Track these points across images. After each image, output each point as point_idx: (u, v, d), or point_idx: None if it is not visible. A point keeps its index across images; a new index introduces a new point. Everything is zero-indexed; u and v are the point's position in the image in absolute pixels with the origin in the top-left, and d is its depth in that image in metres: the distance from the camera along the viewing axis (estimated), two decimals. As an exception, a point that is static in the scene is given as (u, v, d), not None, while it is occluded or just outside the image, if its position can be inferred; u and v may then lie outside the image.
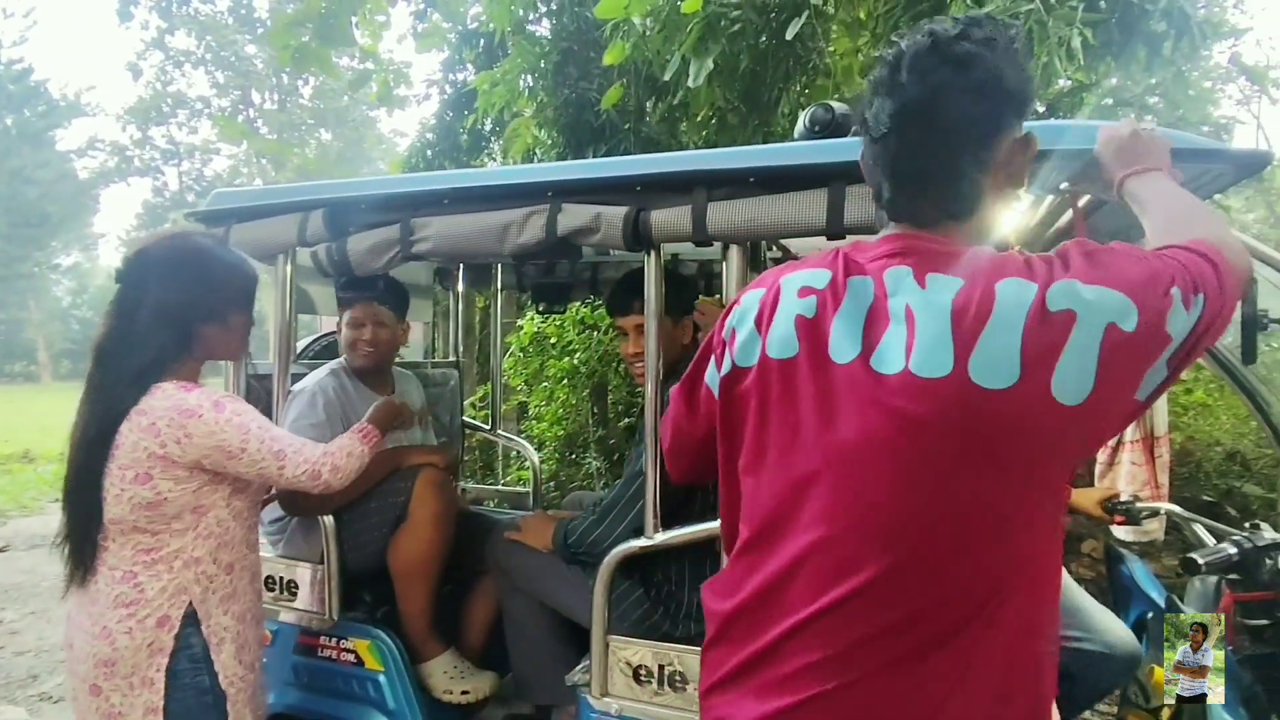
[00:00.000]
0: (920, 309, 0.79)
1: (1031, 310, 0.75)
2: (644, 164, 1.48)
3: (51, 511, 7.05)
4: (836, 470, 0.82)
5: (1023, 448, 0.76)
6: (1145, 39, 2.64)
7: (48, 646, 3.80)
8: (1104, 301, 0.74)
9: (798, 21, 3.51)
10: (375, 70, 8.77)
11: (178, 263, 1.42)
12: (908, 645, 0.78)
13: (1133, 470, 2.00)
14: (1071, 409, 0.74)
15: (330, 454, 1.51)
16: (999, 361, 0.74)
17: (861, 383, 0.81)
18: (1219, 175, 1.24)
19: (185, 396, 1.37)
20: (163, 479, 1.35)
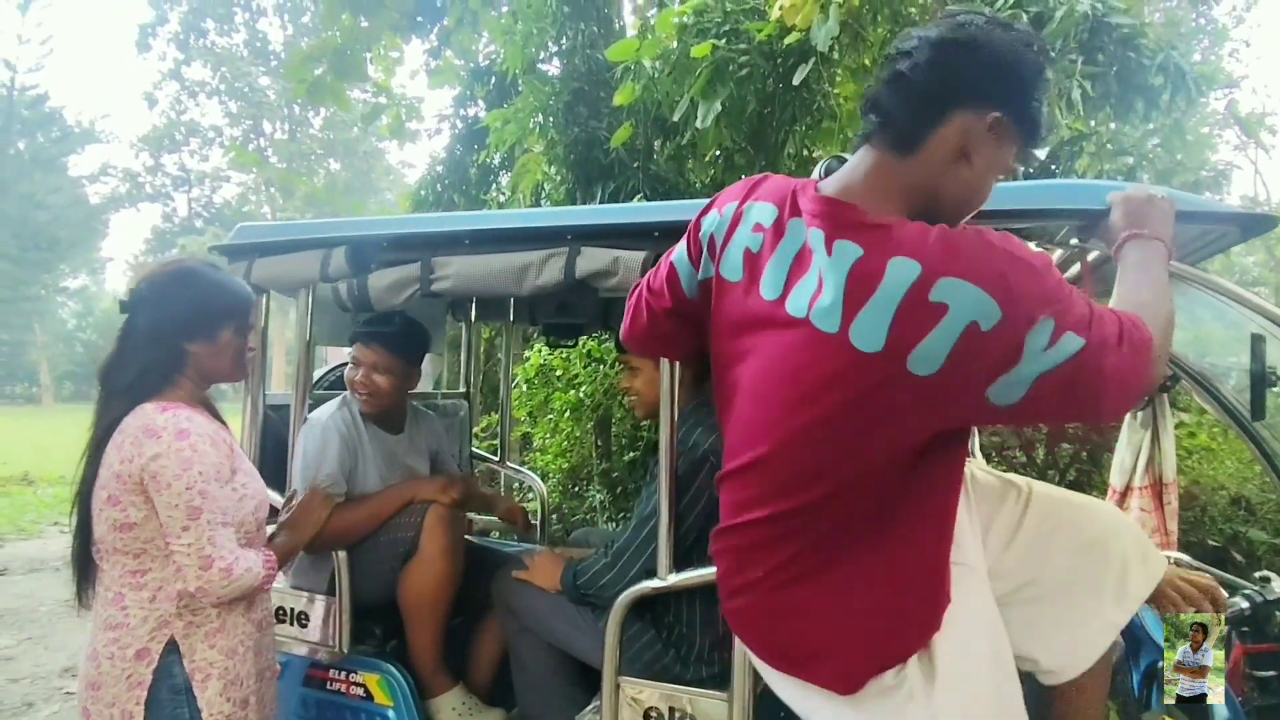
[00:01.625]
0: (826, 270, 0.91)
1: (910, 291, 0.85)
2: (662, 211, 1.52)
3: (50, 535, 7.01)
4: (747, 397, 1.03)
5: (886, 403, 0.89)
6: (1142, 91, 2.72)
7: (44, 673, 3.75)
8: (975, 302, 0.83)
9: (804, 67, 3.61)
10: (388, 104, 8.98)
11: (167, 283, 1.44)
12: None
13: (1141, 517, 2.00)
14: (919, 378, 0.86)
15: (235, 559, 1.35)
16: (874, 332, 0.86)
17: (776, 319, 0.96)
18: (1224, 235, 1.28)
19: (156, 416, 1.33)
20: (128, 501, 1.31)
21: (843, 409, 0.91)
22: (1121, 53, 2.67)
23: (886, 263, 0.87)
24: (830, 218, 0.94)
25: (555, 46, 5.58)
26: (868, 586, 0.98)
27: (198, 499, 1.30)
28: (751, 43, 3.76)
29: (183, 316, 1.42)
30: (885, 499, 0.96)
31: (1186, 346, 1.91)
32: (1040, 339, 0.83)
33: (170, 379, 1.41)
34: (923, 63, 0.94)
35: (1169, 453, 2.01)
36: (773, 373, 0.98)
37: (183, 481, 1.29)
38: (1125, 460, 2.09)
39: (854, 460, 0.94)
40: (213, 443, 1.36)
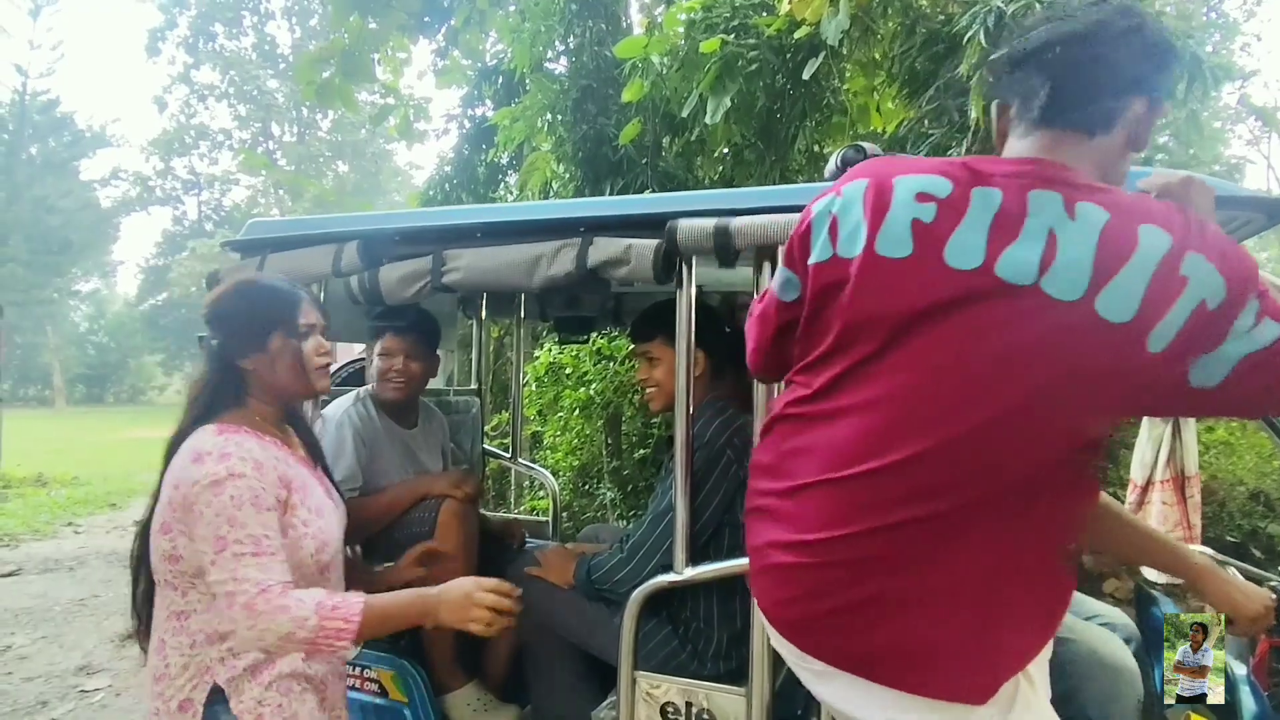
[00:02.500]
0: (1064, 233, 0.85)
1: (1164, 263, 0.82)
2: (674, 201, 1.51)
3: (64, 535, 7.06)
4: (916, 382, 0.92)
5: (1120, 381, 0.84)
6: (1160, 81, 2.68)
7: (58, 672, 3.77)
8: (1210, 279, 0.81)
9: (814, 62, 3.59)
10: (396, 105, 8.99)
11: (222, 302, 1.37)
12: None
13: (1164, 510, 1.98)
14: (1152, 355, 0.81)
15: (261, 593, 1.17)
16: (1126, 302, 0.81)
17: (977, 290, 0.87)
18: (1249, 221, 1.25)
19: (208, 439, 1.25)
20: (177, 530, 1.23)
21: (1065, 383, 0.85)
22: (1137, 42, 2.64)
23: (1138, 229, 0.84)
24: (1064, 182, 0.90)
25: (563, 44, 5.58)
26: (997, 578, 0.91)
27: (225, 527, 1.18)
28: (761, 37, 3.74)
29: (233, 332, 1.35)
30: (1039, 487, 0.90)
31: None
32: (1247, 319, 0.81)
33: (240, 400, 1.35)
34: (1113, 45, 0.93)
35: (1191, 446, 1.99)
36: (971, 348, 0.88)
37: (213, 509, 1.19)
38: (1146, 455, 2.06)
39: (1046, 448, 0.88)
40: (257, 467, 1.24)
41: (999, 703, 0.91)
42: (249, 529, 1.19)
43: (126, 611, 4.37)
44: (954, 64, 3.07)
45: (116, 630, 4.36)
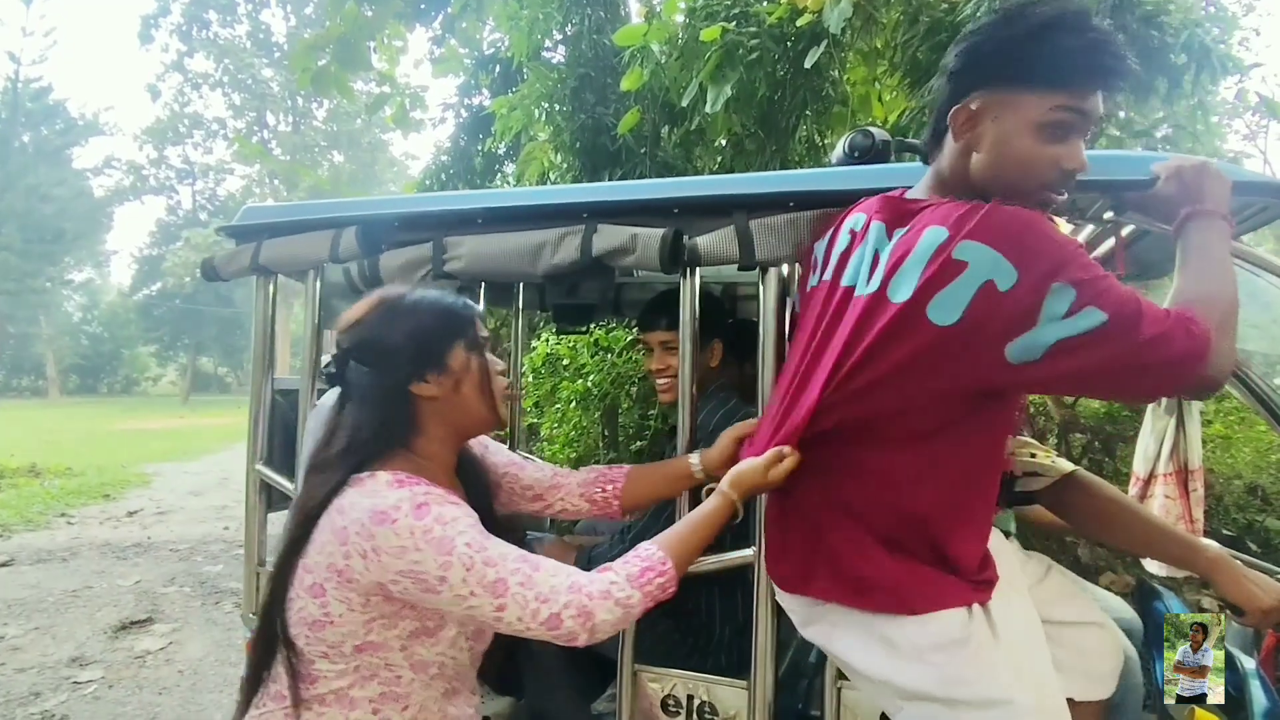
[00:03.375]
0: (882, 248, 1.05)
1: (937, 250, 0.95)
2: (680, 186, 1.48)
3: (57, 526, 7.02)
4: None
5: (910, 347, 0.98)
6: (1165, 71, 2.66)
7: (51, 663, 3.74)
8: (992, 262, 0.91)
9: (816, 50, 3.56)
10: (392, 94, 8.91)
11: (370, 330, 1.12)
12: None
13: (1166, 504, 1.96)
14: (938, 328, 0.94)
15: (584, 593, 1.01)
16: (905, 284, 0.97)
17: (849, 301, 1.07)
18: (1264, 209, 1.23)
19: (385, 493, 1.01)
20: (335, 597, 1.02)
21: (894, 349, 0.99)
22: (1144, 31, 2.61)
23: (923, 232, 0.99)
24: (890, 209, 1.09)
25: (561, 33, 5.52)
26: (919, 509, 1.05)
27: (489, 571, 0.99)
28: (762, 26, 3.70)
29: (402, 352, 1.10)
30: (932, 431, 1.04)
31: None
32: (1058, 305, 0.90)
33: (405, 442, 1.11)
34: (939, 80, 1.11)
35: (1194, 439, 1.97)
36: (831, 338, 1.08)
37: (457, 567, 0.98)
38: (1149, 447, 2.04)
39: (921, 400, 1.02)
40: (457, 505, 1.04)
41: (939, 643, 1.04)
42: (511, 556, 1.02)
43: (120, 603, 4.39)
44: (957, 53, 3.04)
45: (109, 622, 4.34)
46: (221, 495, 8.78)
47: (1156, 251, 1.60)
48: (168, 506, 8.13)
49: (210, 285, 11.68)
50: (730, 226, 1.36)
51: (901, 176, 1.34)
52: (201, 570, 5.54)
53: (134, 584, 5.13)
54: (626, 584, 1.03)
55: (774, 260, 1.36)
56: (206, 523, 7.28)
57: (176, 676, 3.62)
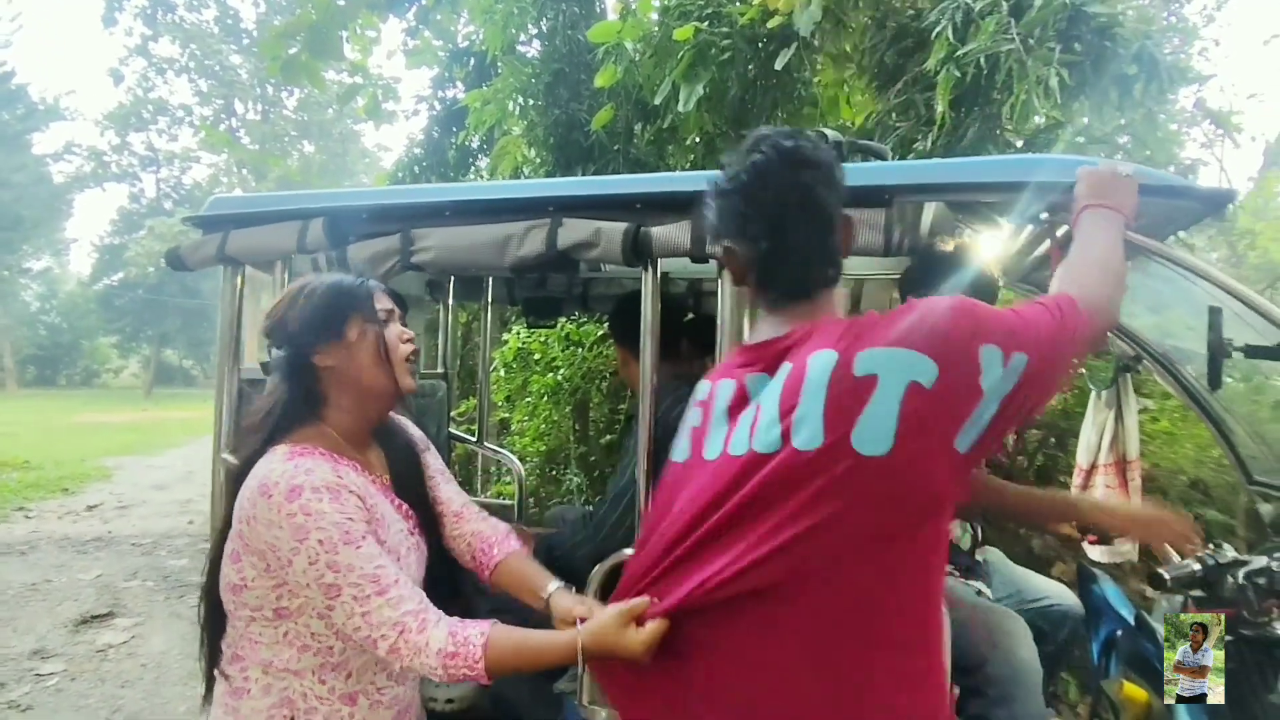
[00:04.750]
0: (764, 398, 0.93)
1: (834, 375, 0.85)
2: (644, 183, 1.53)
3: (15, 520, 6.86)
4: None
5: (837, 492, 0.83)
6: (1116, 80, 2.77)
7: (13, 655, 3.69)
8: (905, 362, 0.83)
9: (786, 52, 3.62)
10: (364, 85, 8.82)
11: (285, 306, 1.21)
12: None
13: (1107, 493, 2.06)
14: (876, 459, 0.81)
15: (403, 638, 1.05)
16: (811, 427, 0.84)
17: (724, 468, 0.92)
18: (1186, 211, 1.32)
19: (275, 466, 1.09)
20: (245, 561, 1.11)
21: (821, 509, 0.84)
22: (1098, 42, 2.71)
23: (806, 361, 0.89)
24: (757, 355, 1.00)
25: (535, 27, 5.53)
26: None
27: (328, 574, 1.05)
28: (734, 26, 3.76)
29: (303, 328, 1.18)
30: (861, 598, 0.88)
31: (1150, 329, 1.97)
32: (993, 365, 0.84)
33: (314, 411, 1.19)
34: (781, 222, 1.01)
35: (1133, 431, 2.08)
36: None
37: (303, 557, 1.05)
38: (1090, 439, 2.15)
39: (855, 553, 0.87)
40: (334, 497, 1.09)
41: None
42: (358, 569, 1.06)
43: (80, 597, 4.34)
44: (922, 59, 3.13)
45: (70, 616, 4.28)
46: (186, 489, 8.65)
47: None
48: (129, 500, 7.99)
49: (175, 276, 11.58)
50: (686, 220, 1.41)
51: (855, 175, 1.41)
52: (165, 565, 5.48)
53: (95, 578, 5.06)
54: (436, 658, 1.05)
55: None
56: (170, 517, 7.17)
57: (139, 670, 3.59)
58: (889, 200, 1.33)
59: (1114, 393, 2.08)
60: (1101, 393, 2.11)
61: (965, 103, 2.99)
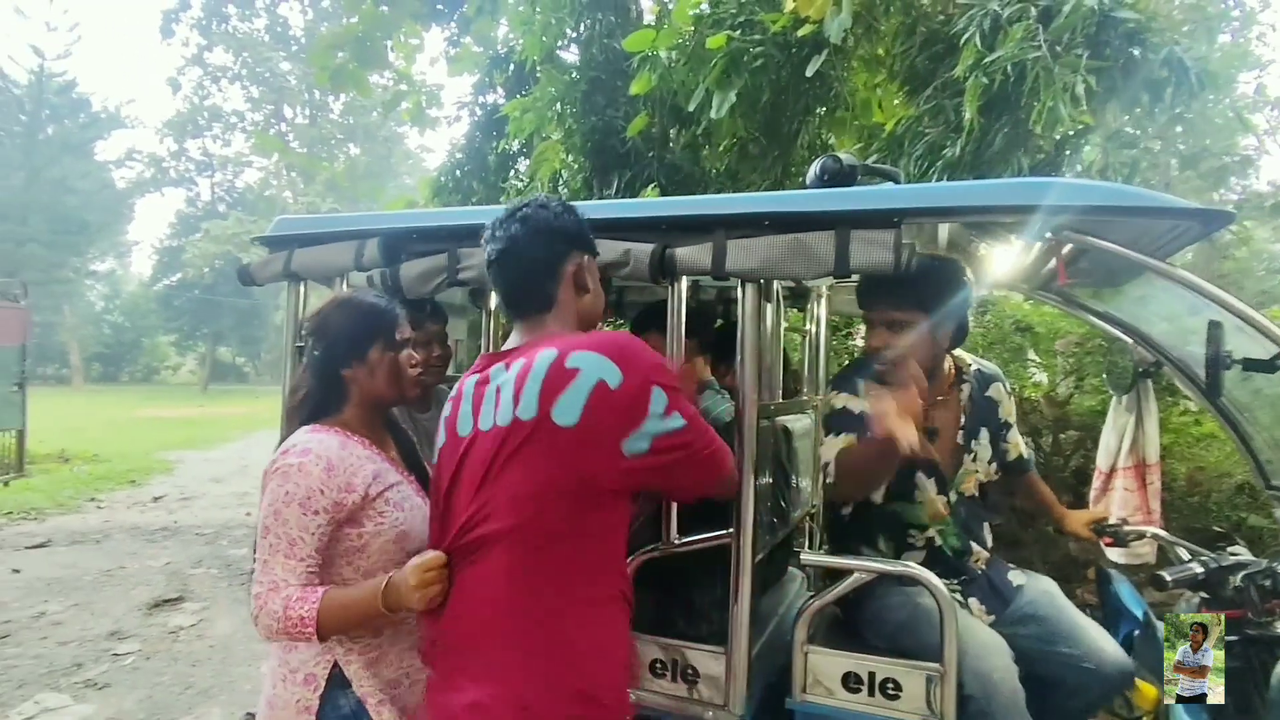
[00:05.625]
0: (503, 384, 1.18)
1: (551, 366, 1.12)
2: (670, 206, 1.65)
3: (88, 510, 7.31)
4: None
5: (542, 453, 1.11)
6: (1146, 85, 2.78)
7: (90, 637, 3.99)
8: (600, 364, 1.11)
9: (818, 58, 3.68)
10: (408, 91, 9.10)
11: (326, 316, 1.47)
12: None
13: (1125, 495, 2.11)
14: (566, 429, 1.09)
15: (265, 591, 1.27)
16: (530, 402, 1.12)
17: (477, 441, 1.19)
18: (1185, 230, 1.38)
19: (301, 435, 1.37)
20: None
21: (527, 471, 1.13)
22: (1126, 47, 2.73)
23: (535, 357, 1.16)
24: (501, 357, 1.26)
25: (573, 35, 5.67)
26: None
27: (271, 518, 1.28)
28: (766, 34, 3.84)
29: (335, 344, 1.44)
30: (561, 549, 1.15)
31: (1169, 336, 2.01)
32: (659, 405, 1.12)
33: (338, 407, 1.44)
34: (527, 250, 1.29)
35: (1152, 436, 2.12)
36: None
37: (270, 496, 1.29)
38: (1110, 443, 2.20)
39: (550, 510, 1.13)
40: (328, 469, 1.31)
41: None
42: (289, 528, 1.28)
43: (152, 582, 4.63)
44: (952, 64, 3.17)
45: (143, 599, 4.59)
46: (241, 482, 9.07)
47: (1100, 265, 1.75)
48: (191, 492, 8.43)
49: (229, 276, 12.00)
50: (709, 242, 1.52)
51: (867, 198, 1.50)
52: (226, 553, 5.80)
53: (164, 565, 5.40)
54: (281, 605, 1.25)
55: (740, 272, 1.51)
56: (229, 509, 7.55)
57: (208, 650, 3.85)
58: (898, 223, 1.42)
59: (1134, 397, 2.12)
60: (1121, 397, 2.16)
61: (994, 109, 3.02)
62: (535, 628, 1.13)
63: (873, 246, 1.43)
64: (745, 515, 1.56)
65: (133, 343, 35.42)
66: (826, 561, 1.74)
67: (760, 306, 1.59)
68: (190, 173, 33.86)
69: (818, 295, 2.53)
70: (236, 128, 33.25)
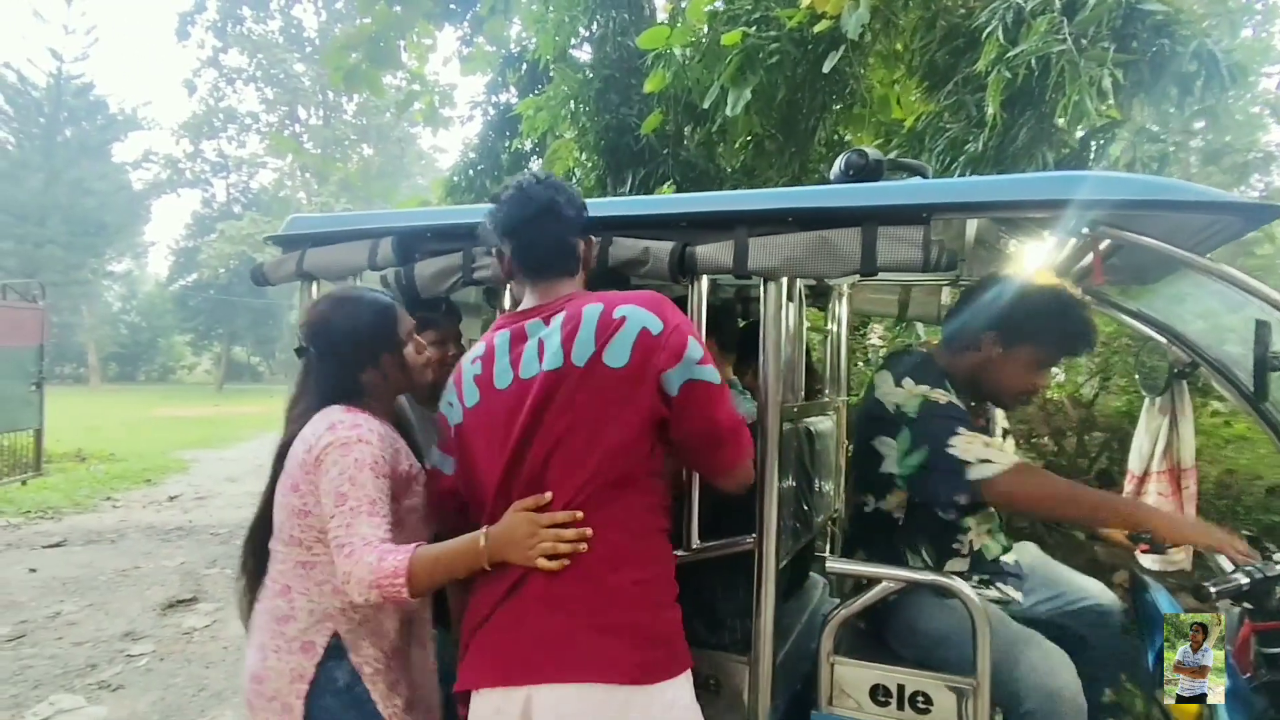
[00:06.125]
0: (545, 336, 1.27)
1: (601, 317, 1.23)
2: (690, 202, 1.60)
3: (104, 509, 7.36)
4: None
5: (597, 395, 1.21)
6: (1176, 79, 2.70)
7: (105, 637, 4.00)
8: (644, 316, 1.23)
9: (835, 54, 3.62)
10: (421, 91, 9.10)
11: (324, 323, 1.49)
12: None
13: (1159, 501, 2.04)
14: (615, 370, 1.19)
15: (361, 548, 1.26)
16: (584, 349, 1.22)
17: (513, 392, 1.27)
18: (1228, 225, 1.32)
19: (338, 414, 1.39)
20: (307, 488, 1.35)
21: (589, 404, 1.22)
22: (1154, 40, 2.66)
23: (582, 310, 1.26)
24: (536, 313, 1.33)
25: (586, 33, 5.64)
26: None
27: (346, 485, 1.30)
28: (782, 30, 3.78)
29: (350, 354, 1.47)
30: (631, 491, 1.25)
31: (1205, 335, 1.94)
32: (695, 352, 1.22)
33: (360, 399, 1.47)
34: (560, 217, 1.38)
35: (1188, 439, 2.05)
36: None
37: (338, 467, 1.31)
38: (1144, 446, 2.13)
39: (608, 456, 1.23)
40: (381, 439, 1.38)
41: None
42: (367, 490, 1.31)
43: (167, 582, 4.62)
44: (973, 59, 3.10)
45: (157, 600, 4.59)
46: (257, 482, 8.99)
47: (1143, 260, 1.68)
48: (206, 492, 8.47)
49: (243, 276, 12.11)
50: (730, 240, 1.48)
51: (895, 193, 1.45)
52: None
53: (178, 565, 5.41)
54: (376, 556, 1.25)
55: (762, 270, 1.47)
56: (244, 508, 7.57)
57: (222, 652, 3.85)
58: (927, 219, 1.37)
59: (1168, 398, 2.06)
60: (1155, 399, 2.09)
61: (1017, 104, 2.95)
62: (642, 564, 1.24)
63: (901, 244, 1.38)
64: (769, 519, 1.51)
65: (149, 343, 35.75)
66: (854, 570, 1.69)
67: (783, 306, 1.54)
68: (206, 174, 34.13)
69: (839, 294, 2.48)
70: (251, 129, 33.49)
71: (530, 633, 1.20)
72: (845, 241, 1.42)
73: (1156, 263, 1.72)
